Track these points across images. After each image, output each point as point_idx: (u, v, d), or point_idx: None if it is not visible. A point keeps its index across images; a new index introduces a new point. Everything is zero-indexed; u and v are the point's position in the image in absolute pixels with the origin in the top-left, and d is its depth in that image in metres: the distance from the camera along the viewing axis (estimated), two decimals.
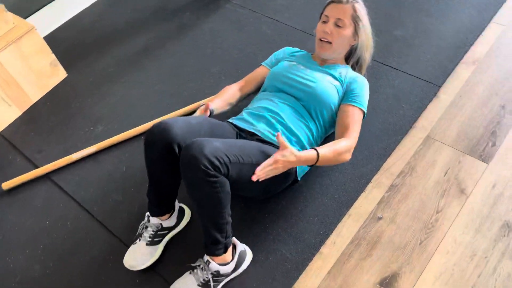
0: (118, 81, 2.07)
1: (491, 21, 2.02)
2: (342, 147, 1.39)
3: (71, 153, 1.78)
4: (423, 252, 1.40)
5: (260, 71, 1.73)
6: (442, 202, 1.50)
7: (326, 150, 1.35)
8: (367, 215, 1.51)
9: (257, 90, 1.73)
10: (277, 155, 1.24)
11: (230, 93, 1.66)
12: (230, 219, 1.30)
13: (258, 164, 1.24)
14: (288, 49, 1.76)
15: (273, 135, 1.45)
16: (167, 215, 1.46)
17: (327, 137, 1.64)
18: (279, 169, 1.26)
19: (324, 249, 1.44)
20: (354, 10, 1.54)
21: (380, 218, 1.49)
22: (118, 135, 1.80)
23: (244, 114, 1.55)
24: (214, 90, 1.94)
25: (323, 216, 1.50)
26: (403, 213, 1.49)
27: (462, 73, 1.85)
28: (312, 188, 1.57)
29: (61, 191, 1.69)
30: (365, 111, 1.53)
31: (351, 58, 1.67)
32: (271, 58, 1.75)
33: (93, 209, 1.62)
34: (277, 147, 1.42)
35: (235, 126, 1.51)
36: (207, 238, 1.29)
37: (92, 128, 1.89)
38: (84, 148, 1.79)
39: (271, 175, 1.26)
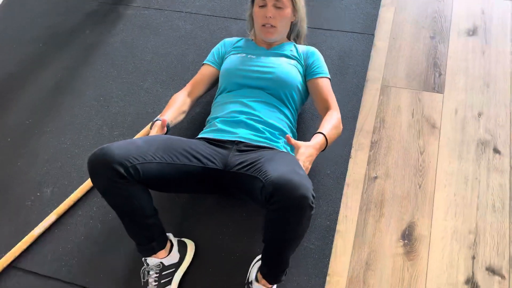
0: (42, 131, 1.79)
1: None
2: (336, 120, 1.42)
3: (27, 232, 1.52)
4: (425, 194, 1.48)
5: (206, 71, 1.61)
6: (421, 142, 1.59)
7: (328, 129, 1.36)
8: (363, 179, 1.54)
9: (207, 91, 1.62)
10: (300, 158, 1.23)
11: (180, 101, 1.53)
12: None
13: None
14: (227, 41, 1.66)
15: (260, 136, 1.38)
16: (163, 251, 1.33)
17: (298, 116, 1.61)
18: (309, 168, 1.25)
19: (340, 227, 1.45)
20: None
21: (376, 177, 1.54)
22: (75, 192, 1.58)
23: (217, 124, 1.44)
24: (157, 105, 1.77)
25: (325, 196, 1.50)
26: (393, 165, 1.55)
27: (386, 16, 1.93)
28: None
29: (38, 277, 1.44)
30: (329, 75, 1.55)
31: (292, 34, 1.64)
32: (213, 55, 1.63)
33: (86, 280, 1.42)
34: (271, 148, 1.36)
35: (212, 140, 1.40)
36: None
37: (38, 194, 1.62)
38: (41, 219, 1.54)
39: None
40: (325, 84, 1.51)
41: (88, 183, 1.59)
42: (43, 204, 1.59)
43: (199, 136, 1.46)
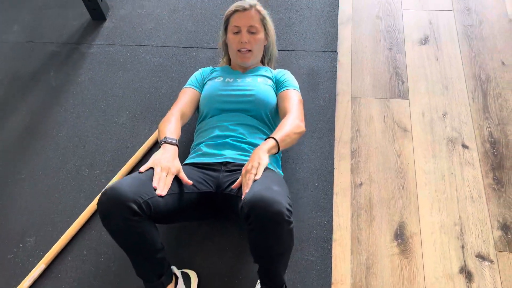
0: (16, 179, 1.71)
1: None
2: (289, 122, 1.40)
3: (16, 286, 1.43)
4: (409, 193, 1.57)
5: (191, 93, 1.60)
6: (397, 146, 1.68)
7: (281, 132, 1.35)
8: (349, 186, 1.60)
9: (193, 113, 1.62)
10: (248, 164, 1.25)
11: (175, 123, 1.47)
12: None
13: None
14: (204, 69, 1.69)
15: (246, 155, 1.42)
16: (170, 286, 1.31)
17: None
18: (259, 165, 1.24)
19: (335, 235, 1.49)
20: (259, 13, 1.57)
21: (361, 184, 1.60)
22: (62, 237, 1.51)
23: (202, 148, 1.46)
24: (135, 139, 1.76)
25: (317, 208, 1.54)
26: (375, 170, 1.63)
27: (345, 33, 2.05)
28: (292, 189, 1.59)
29: None
30: (298, 89, 1.58)
31: (265, 58, 1.71)
32: (195, 78, 1.65)
33: None
34: None
35: (200, 164, 1.41)
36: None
37: (21, 245, 1.54)
38: (28, 271, 1.46)
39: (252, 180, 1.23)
40: (288, 94, 1.53)
41: (75, 226, 1.53)
42: (28, 255, 1.51)
43: (186, 162, 1.47)
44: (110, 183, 1.25)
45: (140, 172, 1.26)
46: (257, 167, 1.24)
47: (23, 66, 2.08)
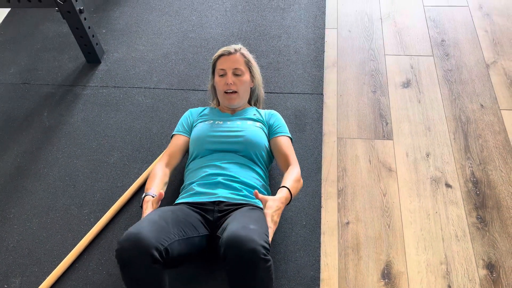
0: (5, 218, 1.70)
1: (325, 28, 2.37)
2: (296, 174, 1.48)
3: None
4: (395, 232, 1.59)
5: (178, 141, 1.65)
6: (382, 185, 1.72)
7: (290, 183, 1.43)
8: (336, 225, 1.62)
9: (182, 159, 1.67)
10: (268, 212, 1.26)
11: (161, 173, 1.54)
12: None
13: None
14: (193, 111, 1.75)
15: (238, 194, 1.44)
16: None
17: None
18: (277, 221, 1.28)
19: (323, 275, 1.50)
20: (244, 56, 1.65)
21: (348, 223, 1.63)
22: (47, 279, 1.50)
23: (195, 187, 1.48)
24: (126, 178, 1.78)
25: (305, 247, 1.55)
26: (362, 209, 1.66)
27: (330, 77, 2.14)
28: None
29: None
30: (291, 137, 1.66)
31: (252, 99, 1.77)
32: (182, 124, 1.70)
33: None
34: (250, 205, 1.42)
35: (192, 204, 1.44)
36: None
37: (6, 286, 1.51)
38: None
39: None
40: (285, 142, 1.60)
41: (61, 266, 1.52)
42: None
43: (178, 201, 1.49)
44: (132, 229, 1.25)
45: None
46: (276, 220, 1.28)
47: (17, 107, 2.12)
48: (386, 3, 2.51)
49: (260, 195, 1.29)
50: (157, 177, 1.51)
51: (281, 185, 1.41)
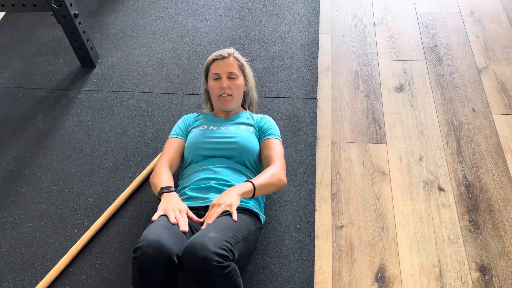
0: None
1: (319, 33, 2.39)
2: (273, 170, 1.48)
3: None
4: (388, 235, 1.60)
5: (177, 143, 1.65)
6: (376, 189, 1.73)
7: (259, 177, 1.44)
8: (330, 229, 1.62)
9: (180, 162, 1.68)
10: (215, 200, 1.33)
11: (168, 172, 1.54)
12: None
13: (247, 236, 1.28)
14: (187, 116, 1.75)
15: None
16: None
17: None
18: (229, 205, 1.32)
19: (317, 278, 1.50)
20: (238, 60, 1.66)
21: (342, 226, 1.63)
22: (40, 283, 1.49)
23: (187, 192, 1.48)
24: (120, 182, 1.78)
25: (299, 250, 1.56)
26: (355, 213, 1.67)
27: (324, 81, 2.15)
28: (275, 231, 1.61)
29: None
30: (280, 137, 1.65)
31: (246, 102, 1.78)
32: (178, 127, 1.70)
33: None
34: (242, 209, 1.42)
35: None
36: None
37: None
38: None
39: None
40: (272, 143, 1.59)
41: (55, 271, 1.51)
42: None
43: None
44: (145, 235, 1.20)
45: (152, 221, 1.30)
46: (226, 205, 1.31)
47: (11, 111, 2.12)
48: (379, 8, 2.54)
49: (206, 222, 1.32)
50: (164, 175, 1.50)
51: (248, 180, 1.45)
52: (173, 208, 1.34)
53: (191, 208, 1.43)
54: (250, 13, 2.53)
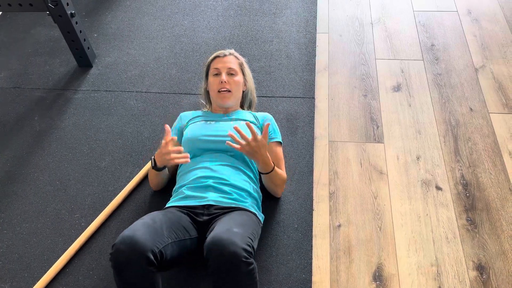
0: None
1: (316, 32, 2.39)
2: (283, 175, 1.59)
3: None
4: (386, 235, 1.60)
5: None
6: (373, 188, 1.73)
7: (279, 170, 1.55)
8: (328, 228, 1.62)
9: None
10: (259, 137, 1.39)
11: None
12: None
13: (258, 235, 1.33)
14: (183, 115, 1.75)
15: (228, 198, 1.44)
16: None
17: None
18: (255, 148, 1.40)
19: (315, 278, 1.50)
20: (237, 58, 1.67)
21: (339, 226, 1.63)
22: (37, 284, 1.48)
23: (185, 191, 1.48)
24: (117, 182, 1.77)
25: (297, 250, 1.56)
26: (353, 212, 1.67)
27: (322, 81, 2.15)
28: (272, 231, 1.60)
29: None
30: (281, 140, 1.69)
31: (245, 103, 1.78)
32: (174, 130, 1.71)
33: None
34: (240, 208, 1.42)
35: (183, 207, 1.43)
36: None
37: None
38: None
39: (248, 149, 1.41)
40: (277, 149, 1.64)
41: (52, 271, 1.51)
42: None
43: (168, 205, 1.49)
44: (122, 232, 1.21)
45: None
46: (256, 146, 1.40)
47: (8, 111, 2.11)
48: (376, 8, 2.54)
49: (266, 127, 1.41)
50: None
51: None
52: (165, 156, 1.43)
53: (188, 207, 1.43)
54: (247, 12, 2.53)
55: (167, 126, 1.45)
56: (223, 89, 1.63)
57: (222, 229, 1.17)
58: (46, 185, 1.80)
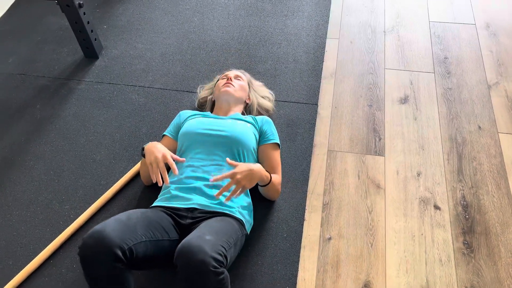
0: None
1: (326, 38, 2.34)
2: (278, 179, 1.57)
3: None
4: (377, 252, 1.54)
5: (167, 142, 1.67)
6: (369, 202, 1.68)
7: (274, 176, 1.54)
8: (318, 240, 1.58)
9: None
10: (233, 171, 1.31)
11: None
12: None
13: (236, 242, 1.29)
14: (183, 113, 1.74)
15: (213, 202, 1.41)
16: None
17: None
18: (246, 186, 1.32)
19: None
20: (246, 75, 1.84)
21: (330, 238, 1.58)
22: (20, 273, 1.48)
23: (172, 191, 1.45)
24: (110, 177, 1.76)
25: (283, 260, 1.52)
26: (345, 225, 1.62)
27: (327, 87, 2.10)
28: (260, 238, 1.57)
29: None
30: (279, 142, 1.67)
31: (245, 113, 1.81)
32: (172, 127, 1.69)
33: None
34: (225, 214, 1.39)
35: (167, 208, 1.41)
36: None
37: None
38: None
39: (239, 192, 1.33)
40: (274, 152, 1.61)
41: (35, 261, 1.50)
42: None
43: (154, 204, 1.46)
44: (97, 227, 1.19)
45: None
46: (243, 183, 1.31)
47: (11, 97, 2.12)
48: (391, 16, 2.47)
49: (230, 161, 1.34)
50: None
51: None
52: (151, 161, 1.36)
53: (173, 208, 1.41)
54: (258, 13, 2.49)
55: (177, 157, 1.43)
56: (227, 83, 1.71)
57: (194, 235, 1.14)
58: (40, 173, 1.80)
